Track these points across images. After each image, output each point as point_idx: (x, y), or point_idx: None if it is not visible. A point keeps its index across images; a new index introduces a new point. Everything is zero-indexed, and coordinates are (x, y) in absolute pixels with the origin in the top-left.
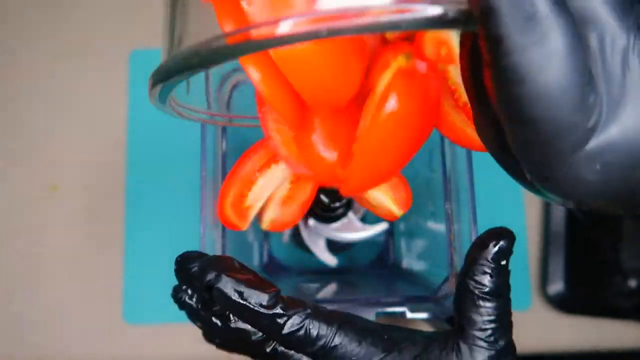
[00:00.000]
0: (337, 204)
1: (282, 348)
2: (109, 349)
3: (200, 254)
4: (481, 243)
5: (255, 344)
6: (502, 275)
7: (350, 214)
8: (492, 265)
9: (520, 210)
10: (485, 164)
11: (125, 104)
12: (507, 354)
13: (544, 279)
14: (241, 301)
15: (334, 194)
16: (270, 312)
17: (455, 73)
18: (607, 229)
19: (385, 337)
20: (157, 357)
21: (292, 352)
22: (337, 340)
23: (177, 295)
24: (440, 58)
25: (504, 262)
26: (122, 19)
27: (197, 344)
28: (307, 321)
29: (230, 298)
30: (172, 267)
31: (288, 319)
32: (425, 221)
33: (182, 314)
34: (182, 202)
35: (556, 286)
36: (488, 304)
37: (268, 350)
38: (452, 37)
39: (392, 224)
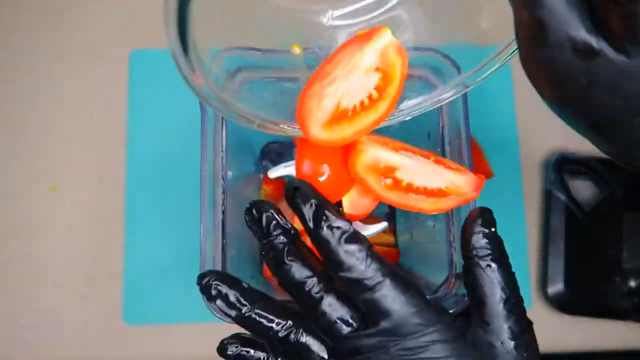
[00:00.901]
0: None
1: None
2: (109, 349)
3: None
4: (470, 220)
5: (298, 286)
6: (496, 241)
7: None
8: (486, 231)
9: (520, 210)
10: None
11: (125, 104)
12: (526, 321)
13: (544, 279)
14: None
15: None
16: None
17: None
18: (607, 229)
19: (425, 297)
20: (157, 357)
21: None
22: (388, 278)
23: (202, 280)
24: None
25: (493, 229)
26: (122, 19)
27: (197, 344)
28: (369, 251)
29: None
30: (172, 267)
31: (356, 242)
32: (425, 221)
33: (182, 314)
34: (183, 202)
35: (556, 286)
36: (495, 271)
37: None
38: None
39: (393, 224)
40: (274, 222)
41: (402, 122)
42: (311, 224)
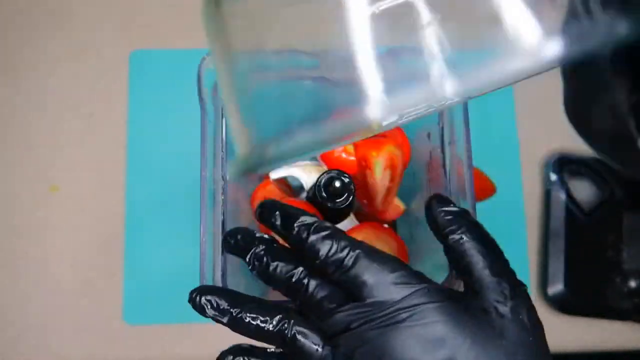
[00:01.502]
0: (338, 201)
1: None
2: (109, 349)
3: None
4: (427, 209)
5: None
6: (460, 213)
7: (352, 216)
8: (445, 209)
9: (520, 210)
10: (486, 164)
11: (125, 104)
12: (515, 283)
13: (544, 280)
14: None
15: (334, 194)
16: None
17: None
18: (607, 229)
19: (404, 263)
20: (157, 357)
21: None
22: (359, 251)
23: (191, 296)
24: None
25: (452, 204)
26: (122, 19)
27: (197, 344)
28: (337, 234)
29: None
30: (172, 268)
31: (323, 230)
32: (425, 221)
33: (182, 314)
34: (183, 202)
35: (556, 287)
36: (470, 241)
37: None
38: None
39: (393, 224)
40: (249, 237)
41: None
42: (283, 231)
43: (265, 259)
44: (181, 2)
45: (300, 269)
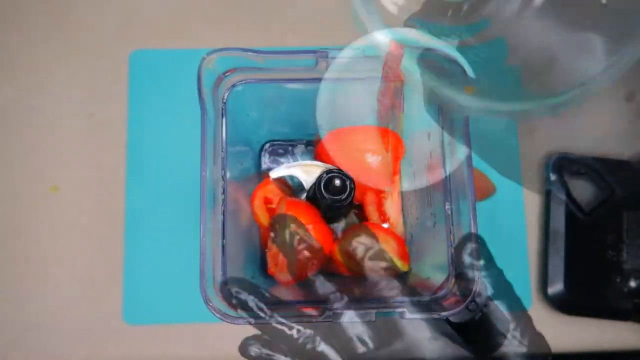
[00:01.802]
0: (338, 200)
1: None
2: (109, 349)
3: None
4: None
5: None
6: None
7: (352, 215)
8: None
9: (520, 210)
10: (486, 164)
11: (125, 104)
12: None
13: (544, 280)
14: None
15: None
16: None
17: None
18: (607, 229)
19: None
20: (157, 358)
21: None
22: (407, 299)
23: (224, 287)
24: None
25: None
26: (122, 19)
27: (197, 344)
28: (392, 270)
29: None
30: (172, 267)
31: (379, 259)
32: (425, 221)
33: (182, 314)
34: (183, 202)
35: (556, 287)
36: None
37: None
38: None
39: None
40: (298, 237)
41: (404, 123)
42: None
43: (306, 268)
44: (181, 2)
45: (338, 295)
